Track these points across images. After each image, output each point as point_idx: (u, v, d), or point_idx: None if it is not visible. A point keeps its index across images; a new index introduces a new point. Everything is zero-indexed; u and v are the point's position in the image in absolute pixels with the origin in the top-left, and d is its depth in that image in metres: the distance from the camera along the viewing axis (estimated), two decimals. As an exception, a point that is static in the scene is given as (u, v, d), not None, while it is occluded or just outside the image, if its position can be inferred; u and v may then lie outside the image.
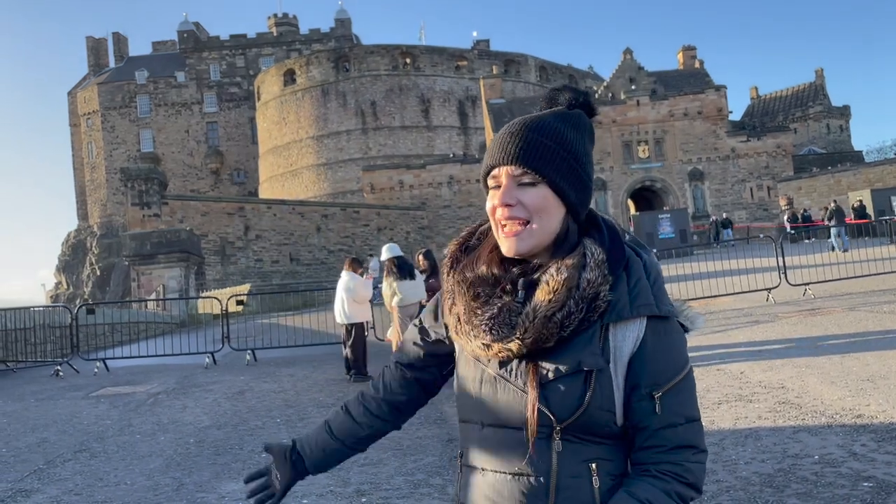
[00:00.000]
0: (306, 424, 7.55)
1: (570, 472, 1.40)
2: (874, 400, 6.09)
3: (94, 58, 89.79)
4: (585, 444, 1.40)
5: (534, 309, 1.38)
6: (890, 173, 43.45)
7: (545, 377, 1.39)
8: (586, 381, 1.37)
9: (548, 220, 1.43)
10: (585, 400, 1.37)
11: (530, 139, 1.43)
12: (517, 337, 1.39)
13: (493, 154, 1.46)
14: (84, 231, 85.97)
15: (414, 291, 9.88)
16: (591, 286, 1.39)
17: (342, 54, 68.30)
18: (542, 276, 1.42)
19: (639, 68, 54.55)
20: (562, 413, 1.37)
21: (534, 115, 1.49)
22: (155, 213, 38.22)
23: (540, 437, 1.40)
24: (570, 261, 1.41)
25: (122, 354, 14.85)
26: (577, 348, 1.38)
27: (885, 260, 15.23)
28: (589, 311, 1.38)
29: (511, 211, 1.42)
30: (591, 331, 1.39)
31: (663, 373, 1.40)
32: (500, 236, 1.46)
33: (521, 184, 1.42)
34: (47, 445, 7.35)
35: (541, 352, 1.40)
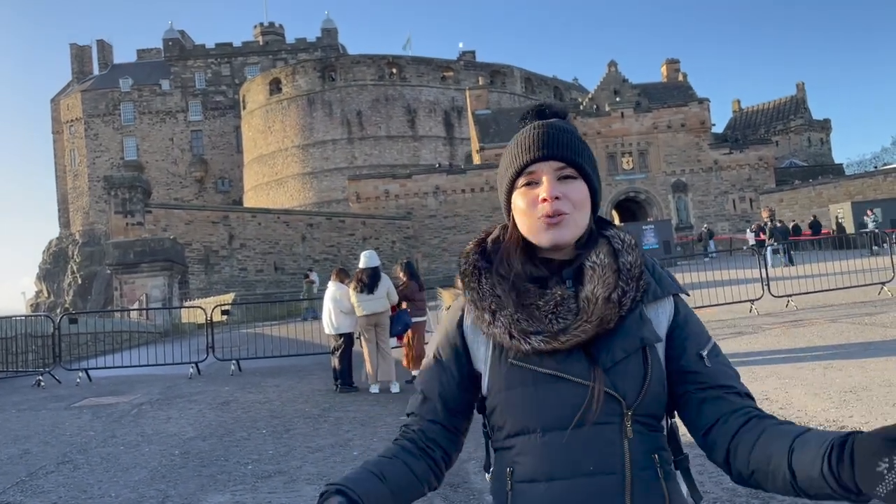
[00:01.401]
0: (292, 436, 7.52)
1: (641, 465, 1.40)
2: (857, 411, 6.16)
3: (77, 65, 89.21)
4: (649, 431, 1.43)
5: (592, 293, 1.44)
6: (870, 186, 44.03)
7: (607, 361, 1.42)
8: (644, 358, 1.44)
9: (584, 213, 1.51)
10: (648, 376, 1.42)
11: (564, 137, 1.52)
12: (584, 321, 1.42)
13: (529, 151, 1.51)
14: (66, 239, 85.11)
15: (368, 304, 10.05)
16: (634, 266, 1.49)
17: (328, 64, 68.32)
18: (586, 264, 1.49)
19: (623, 81, 54.98)
20: (630, 394, 1.40)
21: (550, 121, 1.56)
22: (138, 222, 37.96)
23: (611, 428, 1.40)
24: (604, 248, 1.51)
25: (104, 364, 14.70)
26: (632, 328, 1.45)
27: (866, 272, 15.42)
28: (638, 290, 1.47)
29: (557, 204, 1.47)
30: (638, 311, 1.47)
31: (701, 336, 1.51)
32: (540, 229, 1.48)
33: (561, 178, 1.49)
34: (29, 457, 7.25)
35: (599, 339, 1.43)
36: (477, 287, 1.53)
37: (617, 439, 1.40)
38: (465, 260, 1.59)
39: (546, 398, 1.42)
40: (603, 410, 1.39)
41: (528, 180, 1.50)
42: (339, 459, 6.37)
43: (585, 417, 1.40)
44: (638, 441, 1.41)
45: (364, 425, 7.85)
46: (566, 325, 1.43)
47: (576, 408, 1.40)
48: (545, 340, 1.43)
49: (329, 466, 6.15)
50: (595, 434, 1.40)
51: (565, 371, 1.42)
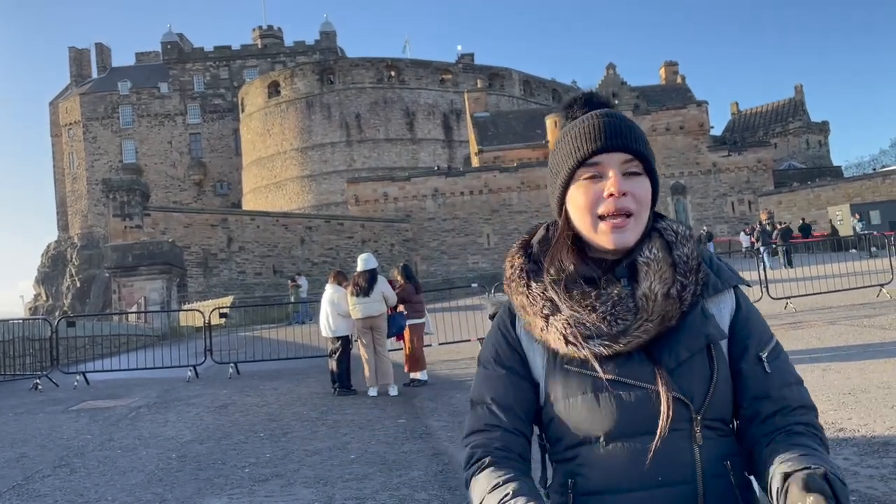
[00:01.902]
0: (290, 439, 7.49)
1: (713, 472, 1.32)
2: (856, 414, 6.14)
3: (76, 68, 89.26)
4: (719, 436, 1.35)
5: (650, 289, 1.36)
6: (868, 188, 44.11)
7: (671, 363, 1.33)
8: (710, 357, 1.36)
9: (647, 211, 1.42)
10: (714, 376, 1.34)
11: (628, 128, 1.40)
12: (645, 320, 1.34)
13: (595, 140, 1.38)
14: (64, 242, 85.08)
15: (364, 307, 10.03)
16: (690, 258, 1.41)
17: (327, 67, 68.39)
18: (639, 260, 1.40)
19: (622, 83, 55.13)
20: (697, 396, 1.32)
21: (611, 110, 1.46)
22: (137, 225, 37.95)
23: (680, 434, 1.31)
24: (657, 242, 1.42)
25: (102, 368, 14.68)
26: (695, 325, 1.36)
27: (865, 274, 15.41)
28: (697, 284, 1.39)
29: (623, 202, 1.36)
30: (699, 306, 1.38)
31: (763, 334, 1.43)
32: (602, 229, 1.38)
33: (626, 174, 1.38)
34: (26, 461, 7.23)
35: (661, 340, 1.35)
36: (526, 292, 1.43)
37: (687, 447, 1.32)
38: (509, 264, 1.50)
39: (608, 405, 1.33)
40: (669, 417, 1.31)
41: (593, 173, 1.38)
42: (337, 463, 6.35)
43: (651, 425, 1.31)
44: (709, 447, 1.33)
45: (362, 428, 7.83)
46: (626, 326, 1.34)
47: (640, 414, 1.31)
48: (605, 344, 1.33)
49: (326, 470, 6.13)
50: (663, 442, 1.30)
51: (627, 376, 1.33)
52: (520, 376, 1.45)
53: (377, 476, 5.82)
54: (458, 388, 10.07)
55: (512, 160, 52.11)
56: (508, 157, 52.88)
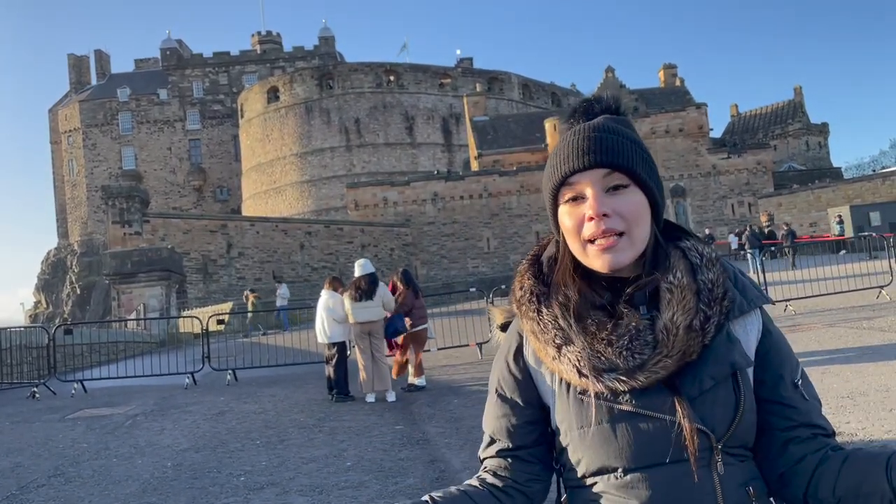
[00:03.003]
0: (286, 446, 7.46)
1: (734, 500, 1.27)
2: (854, 417, 6.11)
3: (75, 75, 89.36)
4: (740, 462, 1.29)
5: (672, 321, 1.27)
6: (868, 190, 44.05)
7: (693, 393, 1.26)
8: (735, 385, 1.29)
9: (642, 227, 1.31)
10: (741, 405, 1.28)
11: (608, 139, 1.31)
12: (664, 356, 1.25)
13: (568, 160, 1.31)
14: (64, 249, 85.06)
15: (364, 312, 9.99)
16: (716, 286, 1.31)
17: (326, 72, 68.45)
18: (662, 286, 1.30)
19: (620, 86, 55.17)
20: (720, 427, 1.26)
21: (594, 122, 1.36)
22: (136, 231, 37.93)
23: (699, 465, 1.25)
24: (681, 264, 1.33)
25: (100, 375, 14.64)
26: (720, 352, 1.28)
27: (864, 276, 15.38)
28: (722, 314, 1.29)
29: (607, 222, 1.28)
30: (724, 330, 1.30)
31: (793, 357, 1.37)
32: (592, 253, 1.30)
33: (609, 189, 1.30)
34: (21, 470, 7.19)
35: (683, 367, 1.27)
36: (537, 318, 1.35)
37: (706, 475, 1.26)
38: (519, 284, 1.41)
39: (626, 436, 1.27)
40: (689, 447, 1.25)
41: (572, 194, 1.31)
42: (333, 470, 6.31)
43: (676, 455, 1.25)
44: (730, 475, 1.27)
45: (359, 435, 7.79)
46: (643, 360, 1.26)
47: (659, 445, 1.26)
48: (621, 380, 1.26)
49: (322, 478, 6.09)
50: (681, 472, 1.25)
51: (646, 407, 1.27)
52: (520, 408, 1.40)
53: (373, 484, 5.78)
54: (456, 393, 10.03)
55: (511, 164, 52.11)
56: (508, 161, 52.88)
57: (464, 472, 5.89)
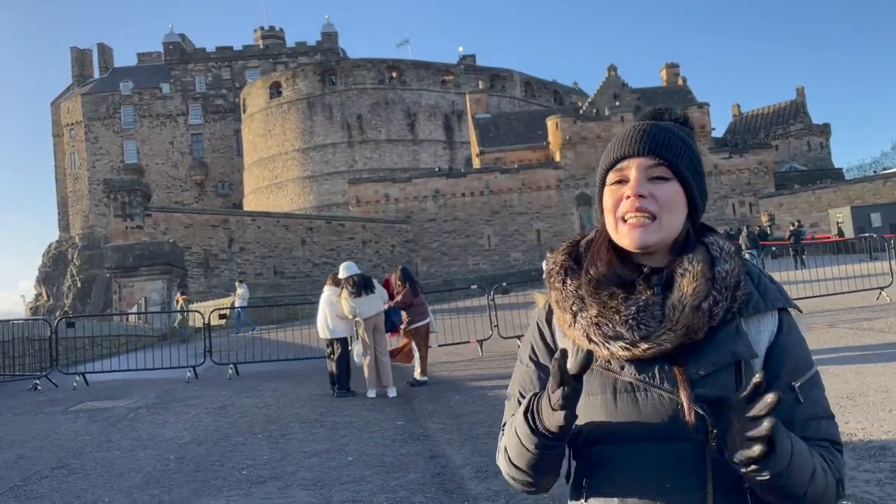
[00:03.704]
0: (288, 441, 7.50)
1: (725, 486, 1.31)
2: (853, 417, 6.14)
3: (78, 68, 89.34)
4: None
5: (680, 299, 1.35)
6: (869, 191, 44.05)
7: (695, 374, 1.32)
8: (737, 375, 1.34)
9: (674, 217, 1.41)
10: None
11: (662, 136, 1.43)
12: (668, 329, 1.33)
13: (621, 147, 1.44)
14: (65, 242, 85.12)
15: (369, 305, 10.01)
16: (730, 275, 1.38)
17: (328, 67, 68.41)
18: (678, 269, 1.39)
19: (623, 85, 55.06)
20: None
21: (656, 121, 1.49)
22: (138, 225, 37.95)
23: (693, 444, 1.30)
24: (700, 255, 1.41)
25: (102, 368, 14.69)
26: (726, 341, 1.35)
27: (865, 277, 15.40)
28: (733, 301, 1.36)
29: (642, 202, 1.38)
30: (735, 323, 1.37)
31: (800, 362, 1.40)
32: (622, 230, 1.41)
33: (652, 178, 1.41)
34: (24, 462, 7.23)
35: (686, 350, 1.34)
36: (561, 287, 1.47)
37: (699, 458, 1.31)
38: (553, 260, 1.53)
39: (625, 407, 1.35)
40: (685, 427, 1.30)
41: (618, 177, 1.43)
42: (335, 465, 6.35)
43: (666, 432, 1.31)
44: (724, 461, 1.28)
45: (360, 430, 7.83)
46: (648, 332, 1.34)
47: (656, 419, 1.32)
48: (625, 347, 1.35)
49: (324, 472, 6.13)
50: (675, 451, 1.32)
51: (648, 381, 1.34)
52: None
53: (374, 478, 5.82)
54: (457, 390, 10.06)
55: (513, 161, 52.09)
56: (509, 159, 52.85)
57: (465, 467, 5.93)
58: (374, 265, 44.25)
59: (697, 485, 1.31)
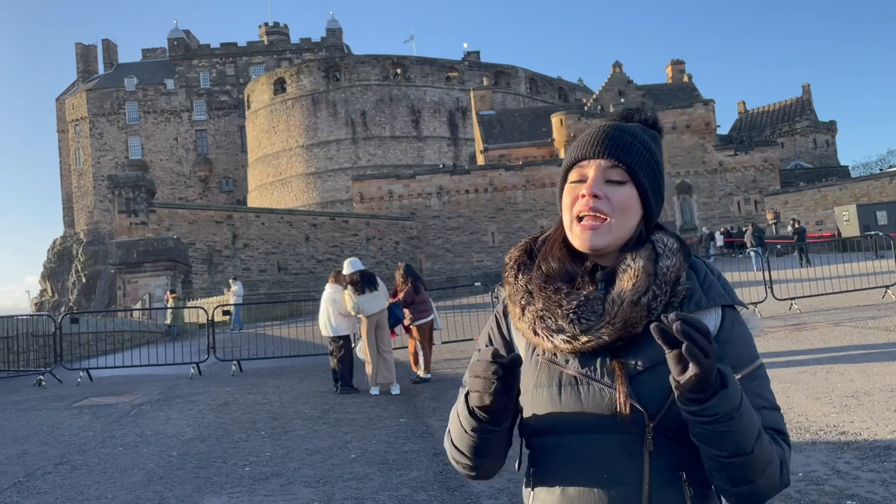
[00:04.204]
0: (291, 437, 7.50)
1: (662, 480, 1.34)
2: (858, 416, 6.11)
3: (83, 64, 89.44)
4: (675, 446, 1.35)
5: (619, 294, 1.39)
6: (875, 188, 43.87)
7: (633, 369, 1.37)
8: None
9: (627, 220, 1.45)
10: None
11: (623, 139, 1.47)
12: (607, 322, 1.37)
13: (582, 147, 1.49)
14: (70, 238, 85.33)
15: (373, 303, 10.01)
16: (670, 271, 1.43)
17: (333, 64, 68.37)
18: (620, 266, 1.44)
19: (628, 82, 54.93)
20: (652, 405, 1.34)
21: (621, 123, 1.53)
22: (142, 221, 38.00)
23: (631, 438, 1.35)
24: (644, 252, 1.45)
25: (106, 364, 14.71)
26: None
27: (870, 275, 15.34)
28: (672, 296, 1.41)
29: (596, 202, 1.43)
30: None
31: (743, 356, 1.42)
32: (575, 230, 1.45)
33: (609, 181, 1.45)
34: (28, 457, 7.25)
35: (625, 346, 1.38)
36: (513, 282, 1.53)
37: (636, 451, 1.35)
38: (509, 256, 1.58)
39: (568, 400, 1.39)
40: (624, 420, 1.35)
41: (578, 176, 1.48)
42: (337, 462, 6.34)
43: (606, 425, 1.36)
44: (661, 455, 1.34)
45: (363, 427, 7.82)
46: (588, 326, 1.38)
47: (596, 413, 1.37)
48: (566, 340, 1.39)
49: (326, 469, 6.12)
50: (614, 443, 1.36)
51: (589, 375, 1.39)
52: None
53: (377, 476, 5.81)
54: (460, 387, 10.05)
55: (517, 158, 52.03)
56: (514, 156, 52.80)
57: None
58: (378, 262, 44.27)
59: (634, 477, 1.34)
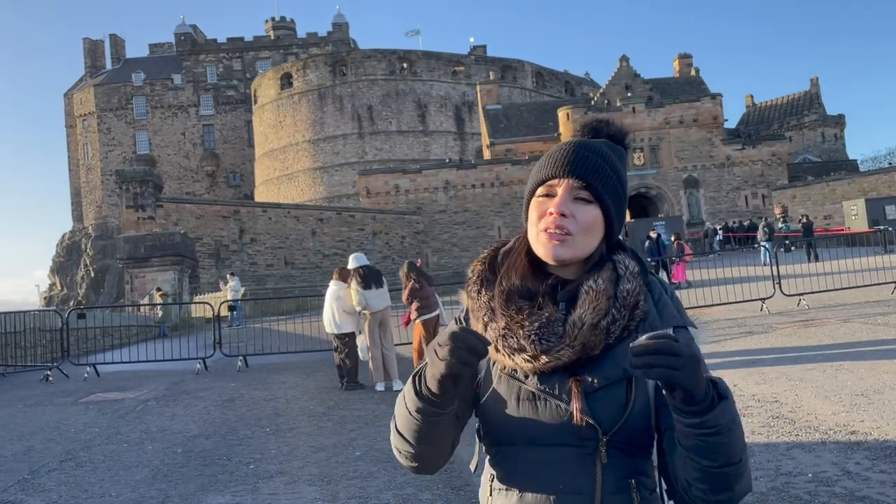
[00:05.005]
0: (296, 434, 7.48)
1: (613, 488, 1.42)
2: (868, 416, 6.04)
3: (90, 59, 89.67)
4: (625, 457, 1.43)
5: (580, 317, 1.44)
6: (884, 182, 43.57)
7: (590, 387, 1.42)
8: (628, 389, 1.42)
9: (591, 238, 1.50)
10: (629, 407, 1.41)
11: (592, 160, 1.51)
12: (567, 345, 1.42)
13: (552, 166, 1.52)
14: (79, 233, 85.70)
15: (379, 299, 9.97)
16: (630, 295, 1.47)
17: (339, 58, 68.30)
18: (581, 288, 1.48)
19: (635, 75, 54.67)
20: (607, 422, 1.40)
21: (589, 140, 1.57)
22: (150, 216, 38.05)
23: (585, 451, 1.42)
24: (606, 273, 1.49)
25: (112, 359, 14.74)
26: (620, 357, 1.42)
27: (880, 270, 15.21)
28: (630, 319, 1.45)
29: (562, 220, 1.47)
30: (629, 340, 1.41)
31: None
32: (542, 240, 1.49)
33: (577, 199, 1.49)
34: (33, 454, 7.25)
35: (583, 364, 1.43)
36: (476, 297, 1.56)
37: (590, 462, 1.42)
38: (471, 269, 1.62)
39: (527, 414, 1.45)
40: (578, 434, 1.41)
41: (547, 191, 1.51)
42: (342, 460, 6.32)
43: (562, 438, 1.42)
44: (613, 465, 1.42)
45: (368, 424, 7.79)
46: (548, 346, 1.43)
47: (553, 427, 1.42)
48: (527, 359, 1.44)
49: (331, 467, 6.10)
50: (569, 455, 1.43)
51: (547, 391, 1.44)
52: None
53: (381, 474, 5.78)
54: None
55: (524, 153, 51.87)
56: (520, 150, 52.64)
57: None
58: (385, 256, 44.27)
59: (588, 486, 1.41)
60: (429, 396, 1.40)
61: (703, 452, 1.29)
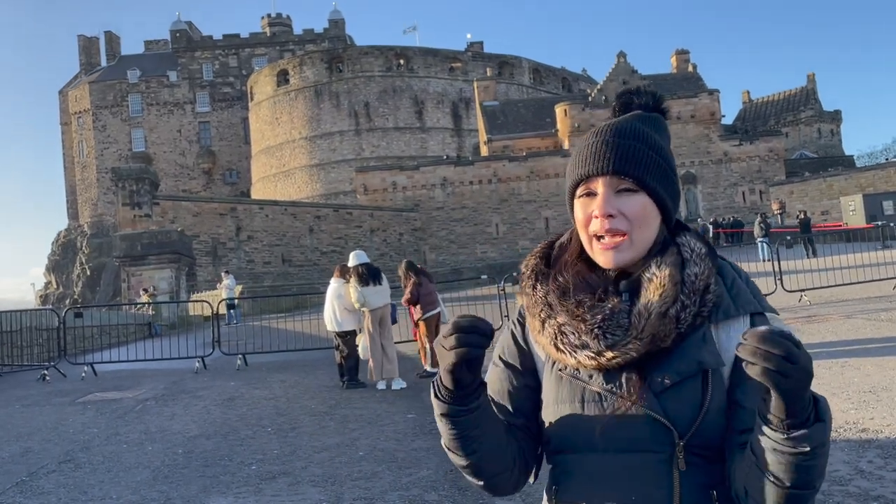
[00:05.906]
0: (298, 434, 7.39)
1: (693, 499, 1.29)
2: (878, 413, 5.98)
3: (85, 56, 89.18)
4: (706, 463, 1.30)
5: (646, 306, 1.31)
6: (881, 178, 43.60)
7: (660, 385, 1.29)
8: (704, 384, 1.30)
9: (647, 229, 1.37)
10: (706, 404, 1.28)
11: (627, 146, 1.38)
12: (634, 337, 1.29)
13: (586, 163, 1.39)
14: (74, 231, 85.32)
15: (378, 297, 9.90)
16: (699, 279, 1.34)
17: (336, 55, 68.08)
18: (644, 275, 1.36)
19: (632, 71, 54.60)
20: (683, 422, 1.28)
21: (620, 121, 1.43)
22: (146, 214, 37.87)
23: (660, 457, 1.29)
24: (670, 258, 1.37)
25: (110, 358, 14.64)
26: (693, 349, 1.30)
27: (880, 265, 15.17)
28: (702, 305, 1.32)
29: (612, 222, 1.35)
30: (702, 330, 1.32)
31: None
32: (596, 248, 1.38)
33: (620, 191, 1.36)
34: (31, 455, 7.15)
35: (652, 359, 1.31)
36: (531, 293, 1.45)
37: (666, 470, 1.29)
38: (525, 264, 1.51)
39: (592, 417, 1.33)
40: (652, 438, 1.28)
41: (586, 190, 1.39)
42: (345, 460, 6.24)
43: (633, 443, 1.30)
44: (692, 473, 1.28)
45: (371, 424, 7.71)
46: (614, 341, 1.30)
47: (622, 430, 1.30)
48: (591, 356, 1.32)
49: (334, 467, 6.02)
50: (642, 462, 1.30)
51: (614, 391, 1.32)
52: (520, 373, 1.47)
53: (386, 475, 5.70)
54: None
55: (521, 149, 51.79)
56: (518, 147, 52.56)
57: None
58: (382, 253, 44.15)
59: (664, 497, 1.28)
60: (447, 396, 1.32)
61: (779, 469, 1.17)
